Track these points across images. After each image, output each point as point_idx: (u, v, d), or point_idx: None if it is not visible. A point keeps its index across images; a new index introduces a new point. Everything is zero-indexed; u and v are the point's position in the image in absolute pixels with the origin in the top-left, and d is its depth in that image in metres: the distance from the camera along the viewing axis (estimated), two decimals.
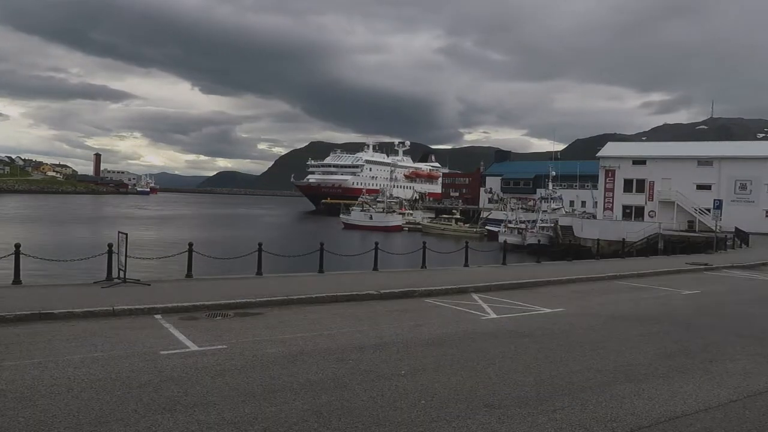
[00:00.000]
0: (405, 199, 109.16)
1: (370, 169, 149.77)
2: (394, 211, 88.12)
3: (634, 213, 60.45)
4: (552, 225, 61.87)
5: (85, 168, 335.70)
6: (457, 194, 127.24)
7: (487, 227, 73.13)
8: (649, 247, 43.97)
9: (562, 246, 43.15)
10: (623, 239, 32.64)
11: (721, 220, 36.63)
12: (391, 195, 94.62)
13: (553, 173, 74.78)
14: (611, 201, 62.61)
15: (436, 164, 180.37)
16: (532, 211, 69.78)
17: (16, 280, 13.11)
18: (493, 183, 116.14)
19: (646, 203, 60.75)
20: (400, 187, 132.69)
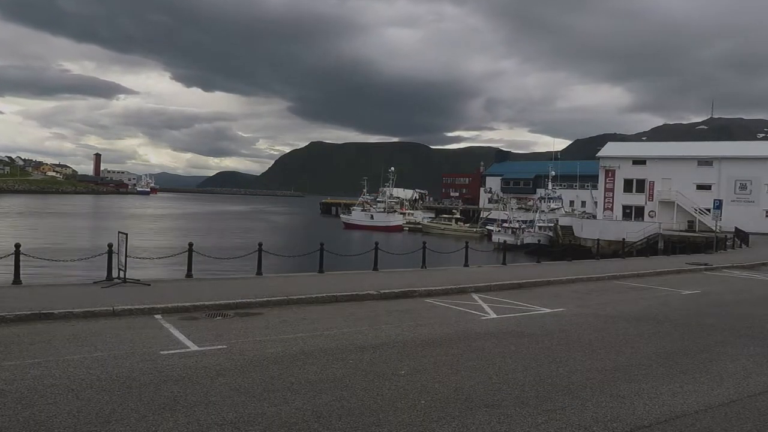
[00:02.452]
0: (405, 199, 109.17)
1: None
2: (394, 211, 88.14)
3: (634, 213, 60.52)
4: (551, 225, 61.91)
5: (86, 168, 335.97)
6: (457, 194, 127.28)
7: (487, 227, 73.18)
8: (649, 247, 44.04)
9: (562, 246, 43.11)
10: (623, 239, 32.65)
11: (721, 220, 36.64)
12: (391, 195, 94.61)
13: (553, 173, 74.87)
14: (611, 201, 62.66)
15: None
16: (533, 211, 69.84)
17: (16, 280, 13.11)
18: (493, 183, 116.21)
19: (646, 203, 60.79)
20: None
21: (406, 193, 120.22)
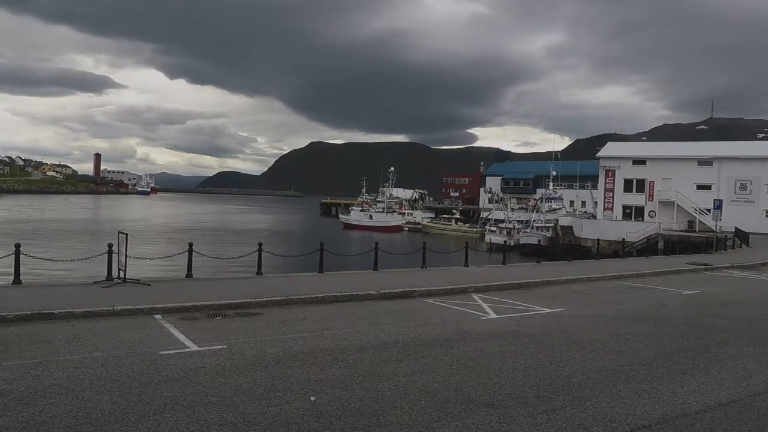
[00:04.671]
0: (405, 199, 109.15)
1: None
2: (394, 211, 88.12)
3: (634, 213, 60.51)
4: (551, 225, 61.86)
5: (87, 167, 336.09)
6: (457, 194, 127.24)
7: (486, 227, 73.14)
8: (649, 247, 43.91)
9: (562, 246, 43.07)
10: (623, 239, 32.65)
11: (721, 220, 36.63)
12: (390, 195, 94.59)
13: (554, 173, 74.87)
14: (611, 201, 62.64)
15: None
16: (533, 212, 69.85)
17: (16, 280, 13.11)
18: (493, 183, 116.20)
19: (646, 203, 60.78)
20: None
21: (406, 193, 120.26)
